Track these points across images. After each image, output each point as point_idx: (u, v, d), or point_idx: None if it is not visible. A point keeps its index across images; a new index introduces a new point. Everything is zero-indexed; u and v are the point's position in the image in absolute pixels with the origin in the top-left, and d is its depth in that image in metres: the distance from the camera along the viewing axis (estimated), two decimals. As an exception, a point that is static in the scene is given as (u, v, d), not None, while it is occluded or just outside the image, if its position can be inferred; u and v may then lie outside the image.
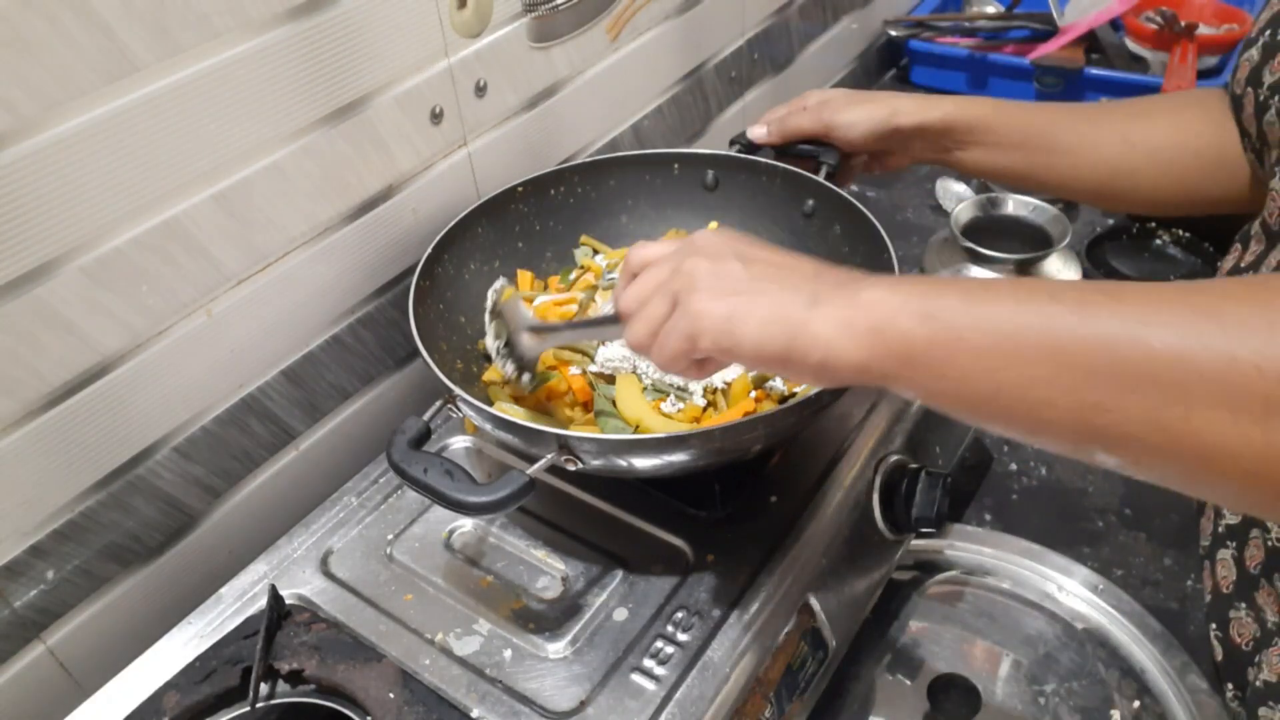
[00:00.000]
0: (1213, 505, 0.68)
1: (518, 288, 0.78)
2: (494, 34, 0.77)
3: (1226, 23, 1.33)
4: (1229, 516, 0.66)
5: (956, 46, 1.40)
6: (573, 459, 0.56)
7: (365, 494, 0.69)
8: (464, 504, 0.52)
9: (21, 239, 0.52)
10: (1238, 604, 0.63)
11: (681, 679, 0.55)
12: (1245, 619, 0.62)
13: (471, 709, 0.55)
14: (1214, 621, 0.66)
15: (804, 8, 1.20)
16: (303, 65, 0.63)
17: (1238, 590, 0.63)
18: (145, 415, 0.62)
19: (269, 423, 0.71)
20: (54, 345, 0.56)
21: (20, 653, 0.60)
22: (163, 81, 0.56)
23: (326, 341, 0.73)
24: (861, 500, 0.68)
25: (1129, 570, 0.78)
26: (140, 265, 0.58)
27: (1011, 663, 0.71)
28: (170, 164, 0.58)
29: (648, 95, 0.99)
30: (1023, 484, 0.86)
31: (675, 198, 0.82)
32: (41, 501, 0.59)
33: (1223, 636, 0.64)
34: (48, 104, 0.51)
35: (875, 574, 0.69)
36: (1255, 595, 0.61)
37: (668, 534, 0.64)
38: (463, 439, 0.73)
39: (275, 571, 0.64)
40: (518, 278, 0.79)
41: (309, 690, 0.57)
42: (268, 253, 0.66)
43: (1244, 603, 0.62)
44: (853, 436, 0.70)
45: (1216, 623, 0.65)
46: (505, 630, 0.60)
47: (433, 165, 0.76)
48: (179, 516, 0.67)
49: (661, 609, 0.60)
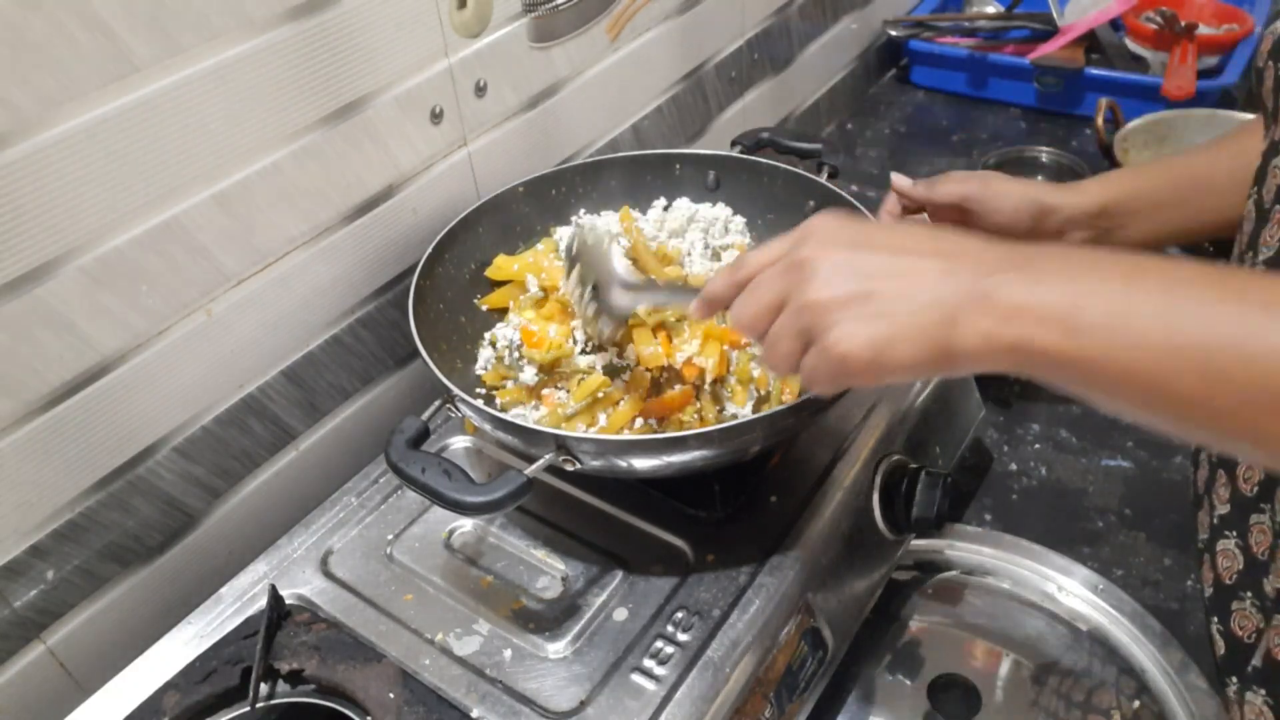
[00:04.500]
0: (1210, 497, 0.68)
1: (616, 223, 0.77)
2: (494, 34, 0.77)
3: (1226, 23, 1.33)
4: (1220, 506, 0.65)
5: (956, 46, 1.40)
6: (571, 459, 0.56)
7: (365, 494, 0.69)
8: (462, 504, 0.52)
9: (21, 239, 0.52)
10: (1241, 594, 0.63)
11: (681, 679, 0.55)
12: (1249, 609, 0.62)
13: (471, 709, 0.55)
14: (1215, 615, 0.65)
15: (804, 8, 1.20)
16: (303, 65, 0.63)
17: (1241, 580, 0.63)
18: (145, 415, 0.62)
19: (269, 423, 0.71)
20: (54, 345, 0.56)
21: (20, 653, 0.60)
22: (163, 81, 0.56)
23: (326, 341, 0.73)
24: (861, 500, 0.68)
25: (1129, 570, 0.78)
26: (140, 265, 0.58)
27: (1011, 663, 0.71)
28: (170, 164, 0.58)
29: (648, 95, 0.99)
30: (1023, 484, 0.86)
31: (676, 198, 0.82)
32: (41, 501, 0.59)
33: (1224, 630, 0.64)
34: (48, 104, 0.51)
35: (875, 574, 0.69)
36: (1263, 581, 0.61)
37: (668, 534, 0.64)
38: (462, 439, 0.73)
39: (275, 571, 0.64)
40: (621, 214, 0.79)
41: (309, 690, 0.57)
42: (268, 253, 0.66)
43: (1249, 592, 0.62)
44: (853, 436, 0.70)
45: (1218, 616, 0.65)
46: (505, 630, 0.60)
47: (433, 165, 0.76)
48: (179, 516, 0.67)
49: (661, 609, 0.60)
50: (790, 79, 1.23)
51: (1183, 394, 0.39)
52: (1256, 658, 0.60)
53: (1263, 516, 0.61)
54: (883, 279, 0.45)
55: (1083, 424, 0.91)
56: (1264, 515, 0.61)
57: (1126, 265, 0.42)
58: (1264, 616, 0.60)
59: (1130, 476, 0.86)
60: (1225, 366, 0.38)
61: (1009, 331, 0.42)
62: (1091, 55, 1.35)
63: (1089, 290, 0.41)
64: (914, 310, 0.44)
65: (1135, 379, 0.40)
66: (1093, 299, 0.41)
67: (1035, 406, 0.93)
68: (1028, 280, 0.43)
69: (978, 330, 0.43)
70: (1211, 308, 0.40)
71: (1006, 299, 0.42)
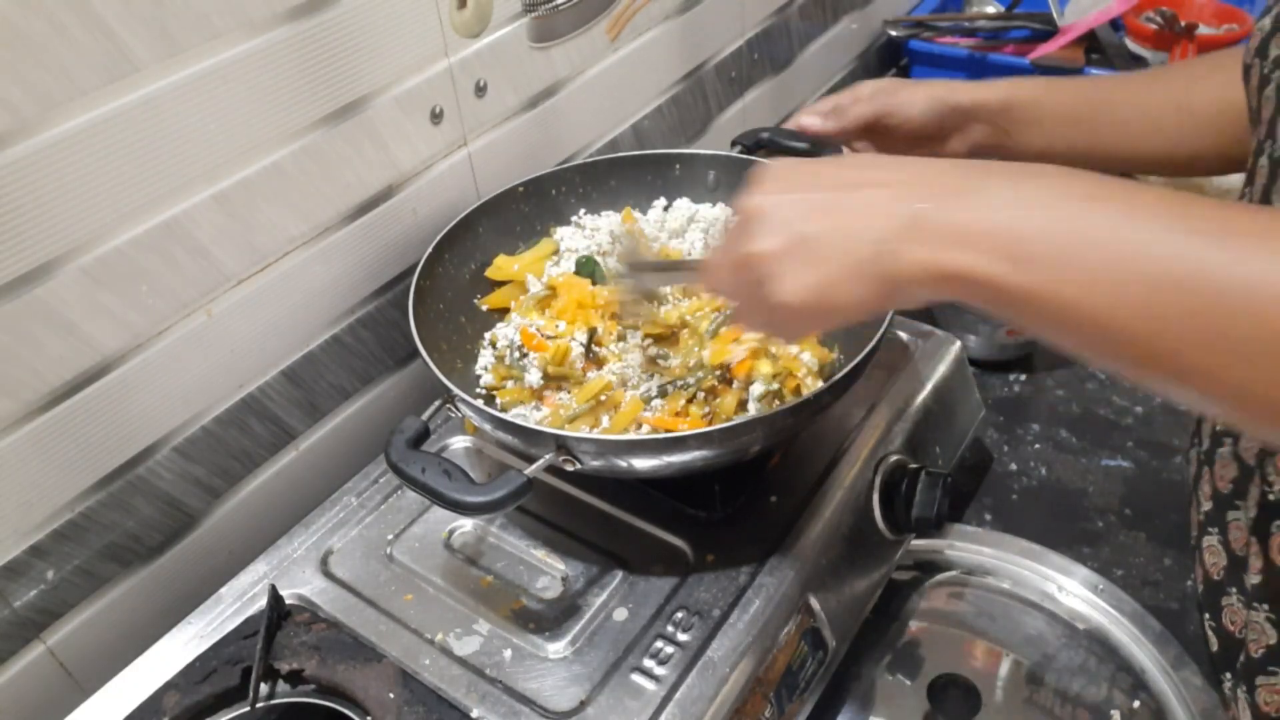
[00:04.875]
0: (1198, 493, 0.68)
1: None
2: (494, 34, 0.77)
3: (1226, 23, 1.33)
4: (1205, 503, 0.65)
5: (956, 46, 1.40)
6: (571, 459, 0.56)
7: (365, 494, 0.69)
8: (461, 504, 0.52)
9: (21, 239, 0.52)
10: (1229, 590, 0.63)
11: (681, 679, 0.55)
12: (1236, 605, 0.62)
13: (471, 709, 0.55)
14: (1207, 612, 0.66)
15: (804, 8, 1.20)
16: (303, 65, 0.63)
17: (1228, 576, 0.63)
18: (145, 415, 0.62)
19: (269, 423, 0.71)
20: (54, 345, 0.56)
21: (20, 653, 0.60)
22: (163, 81, 0.56)
23: (326, 341, 0.73)
24: (861, 500, 0.68)
25: (1129, 570, 0.78)
26: (140, 265, 0.58)
27: (1011, 663, 0.71)
28: (170, 164, 0.58)
29: (648, 95, 0.99)
30: (1023, 484, 0.86)
31: (676, 198, 0.82)
32: (41, 501, 0.59)
33: (1216, 626, 0.64)
34: (48, 104, 0.51)
35: (875, 574, 0.69)
36: (1244, 577, 0.61)
37: (668, 534, 0.64)
38: (463, 439, 0.73)
39: (275, 571, 0.64)
40: (624, 215, 0.80)
41: (309, 690, 0.57)
42: (268, 253, 0.66)
43: (1234, 587, 0.62)
44: (853, 436, 0.70)
45: (1210, 613, 0.65)
46: (505, 630, 0.59)
47: (433, 165, 0.76)
48: (179, 516, 0.67)
49: (661, 609, 0.60)
50: (790, 79, 1.23)
51: (1128, 330, 0.37)
52: (1243, 653, 0.60)
53: (1238, 513, 0.61)
54: (825, 217, 0.43)
55: (1083, 424, 0.91)
56: (1239, 512, 0.61)
57: (1088, 187, 0.40)
58: (1249, 612, 0.60)
59: (1130, 476, 0.86)
60: (1170, 300, 0.36)
61: (947, 259, 0.40)
62: (1091, 55, 1.35)
63: (1037, 216, 0.39)
64: (853, 248, 0.42)
65: (1081, 314, 0.38)
66: (1039, 226, 0.39)
67: (1035, 406, 0.93)
68: (972, 203, 0.40)
69: (916, 260, 0.41)
70: (1160, 236, 0.37)
71: (946, 224, 0.40)
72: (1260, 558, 0.59)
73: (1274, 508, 0.58)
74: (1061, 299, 0.38)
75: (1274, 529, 0.58)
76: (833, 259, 0.43)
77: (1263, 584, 0.58)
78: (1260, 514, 0.59)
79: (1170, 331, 0.37)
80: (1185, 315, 0.36)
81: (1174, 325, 0.36)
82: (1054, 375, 0.96)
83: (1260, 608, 0.59)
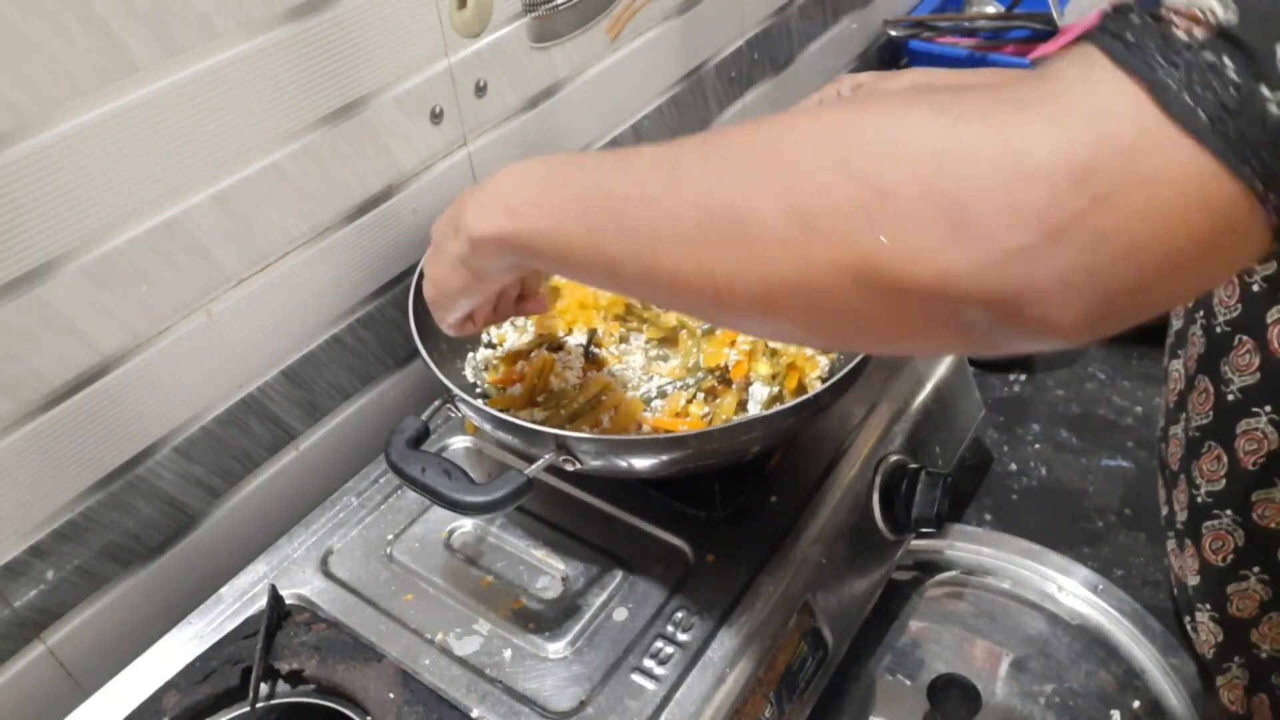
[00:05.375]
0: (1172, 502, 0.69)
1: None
2: (494, 34, 0.77)
3: (1227, 23, 1.33)
4: (1180, 513, 0.66)
5: (956, 46, 1.40)
6: (571, 459, 0.56)
7: (365, 494, 0.69)
8: (461, 504, 0.52)
9: (21, 239, 0.52)
10: (1202, 605, 0.64)
11: (681, 679, 0.55)
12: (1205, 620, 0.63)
13: (471, 709, 0.55)
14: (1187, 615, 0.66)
15: (804, 8, 1.20)
16: (303, 65, 0.63)
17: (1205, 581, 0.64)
18: (145, 415, 0.62)
19: (269, 423, 0.71)
20: (54, 345, 0.56)
21: (20, 653, 0.60)
22: (163, 82, 0.56)
23: (326, 341, 0.73)
24: (861, 500, 0.68)
25: (1129, 570, 0.78)
26: (140, 265, 0.58)
27: (1011, 663, 0.71)
28: (170, 164, 0.58)
29: (648, 95, 0.99)
30: (1023, 484, 0.86)
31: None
32: (41, 501, 0.59)
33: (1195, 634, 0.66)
34: (48, 104, 0.51)
35: (875, 574, 0.69)
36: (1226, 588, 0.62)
37: (668, 534, 0.64)
38: (463, 439, 0.73)
39: (275, 571, 0.64)
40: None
41: (309, 690, 0.57)
42: (268, 253, 0.66)
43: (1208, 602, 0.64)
44: (853, 436, 0.70)
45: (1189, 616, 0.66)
46: (505, 630, 0.60)
47: (433, 165, 0.76)
48: (179, 516, 0.67)
49: (661, 609, 0.60)
50: (790, 79, 1.23)
51: (618, 259, 0.40)
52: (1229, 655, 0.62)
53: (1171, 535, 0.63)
54: (449, 220, 0.50)
55: (1083, 424, 0.91)
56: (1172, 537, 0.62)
57: (575, 155, 0.46)
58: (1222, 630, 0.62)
59: (1130, 476, 0.86)
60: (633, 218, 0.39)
61: (477, 227, 0.46)
62: (1091, 55, 1.35)
63: (528, 179, 0.45)
64: (447, 241, 0.50)
65: (577, 253, 0.42)
66: (537, 184, 0.44)
67: (1035, 406, 0.93)
68: (491, 184, 0.47)
69: (467, 237, 0.47)
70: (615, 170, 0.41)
71: (476, 199, 0.47)
72: (1196, 559, 0.60)
73: (1202, 510, 0.59)
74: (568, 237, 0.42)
75: (1204, 530, 0.60)
76: (439, 253, 0.51)
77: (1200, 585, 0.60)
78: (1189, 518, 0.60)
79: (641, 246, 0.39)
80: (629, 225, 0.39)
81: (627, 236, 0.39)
82: (1054, 375, 0.96)
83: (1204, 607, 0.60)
